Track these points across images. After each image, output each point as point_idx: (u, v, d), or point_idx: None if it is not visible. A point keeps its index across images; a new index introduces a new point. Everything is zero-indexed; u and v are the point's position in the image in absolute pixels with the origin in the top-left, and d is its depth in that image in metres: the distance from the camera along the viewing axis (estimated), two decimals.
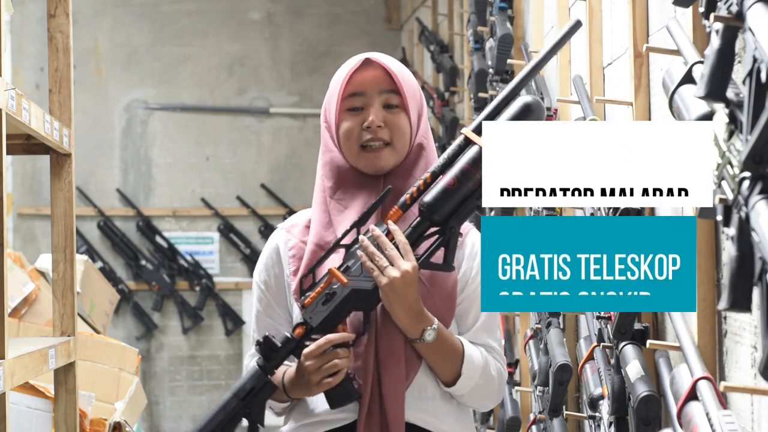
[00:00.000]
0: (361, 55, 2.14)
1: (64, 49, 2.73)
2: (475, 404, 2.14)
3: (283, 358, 2.07)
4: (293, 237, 2.16)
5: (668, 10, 2.27)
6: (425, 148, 2.15)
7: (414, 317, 2.02)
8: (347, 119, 2.12)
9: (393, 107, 2.12)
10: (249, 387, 2.06)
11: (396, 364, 2.05)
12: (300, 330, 2.05)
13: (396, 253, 2.00)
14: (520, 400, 3.80)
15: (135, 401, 3.57)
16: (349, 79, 2.12)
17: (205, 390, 7.85)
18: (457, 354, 2.07)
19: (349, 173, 2.13)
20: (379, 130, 2.09)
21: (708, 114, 1.70)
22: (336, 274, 2.04)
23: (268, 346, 2.05)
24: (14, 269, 3.59)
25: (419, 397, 2.08)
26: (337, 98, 2.12)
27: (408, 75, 2.15)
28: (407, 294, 2.00)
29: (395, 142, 2.11)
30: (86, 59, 7.72)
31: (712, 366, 1.97)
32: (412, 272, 1.99)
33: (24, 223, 7.60)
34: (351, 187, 2.12)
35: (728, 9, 1.57)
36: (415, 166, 2.12)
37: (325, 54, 7.94)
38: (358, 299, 2.03)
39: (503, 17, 3.93)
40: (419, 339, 2.03)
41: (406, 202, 2.04)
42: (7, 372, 2.07)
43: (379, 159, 2.10)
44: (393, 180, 2.12)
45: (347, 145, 2.12)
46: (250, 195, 7.90)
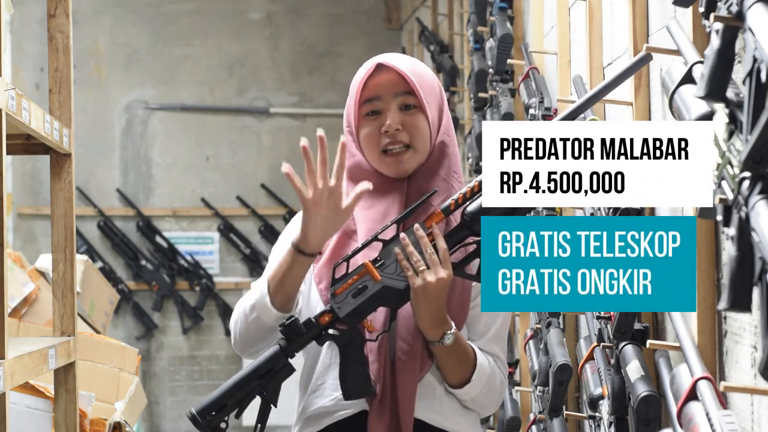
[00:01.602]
0: (374, 60, 2.15)
1: (64, 49, 2.73)
2: (475, 409, 2.16)
3: (305, 343, 2.06)
4: None
5: (668, 10, 2.27)
6: (448, 146, 2.15)
7: (437, 320, 2.03)
8: (366, 125, 2.13)
9: (410, 108, 2.12)
10: (269, 367, 2.05)
11: (413, 363, 2.07)
12: (326, 318, 2.05)
13: (436, 258, 2.00)
14: (520, 400, 3.80)
15: (135, 401, 3.57)
16: (364, 85, 2.13)
17: (205, 390, 7.84)
18: (470, 360, 2.09)
19: (374, 177, 2.13)
20: (398, 133, 2.10)
21: (708, 114, 1.70)
22: (371, 269, 2.04)
23: (293, 329, 2.04)
24: (14, 269, 3.59)
25: (427, 395, 2.10)
26: (354, 105, 2.14)
27: (424, 73, 2.15)
28: (438, 300, 2.01)
29: (415, 144, 2.12)
30: (86, 59, 7.72)
31: (712, 366, 1.97)
32: (447, 279, 2.00)
33: (24, 223, 7.60)
34: (374, 189, 2.11)
35: (728, 9, 1.57)
36: (439, 165, 2.13)
37: (325, 54, 7.94)
38: (388, 297, 2.03)
39: (503, 17, 3.93)
40: (438, 342, 2.05)
41: (449, 208, 2.03)
42: (7, 372, 2.07)
43: (401, 163, 2.11)
44: (417, 181, 2.13)
45: (369, 150, 2.14)
46: (250, 195, 7.90)
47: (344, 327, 2.04)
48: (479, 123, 4.47)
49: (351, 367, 2.05)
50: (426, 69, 2.17)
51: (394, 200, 2.12)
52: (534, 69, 3.45)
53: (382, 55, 2.17)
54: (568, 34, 3.31)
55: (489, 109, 4.28)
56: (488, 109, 4.30)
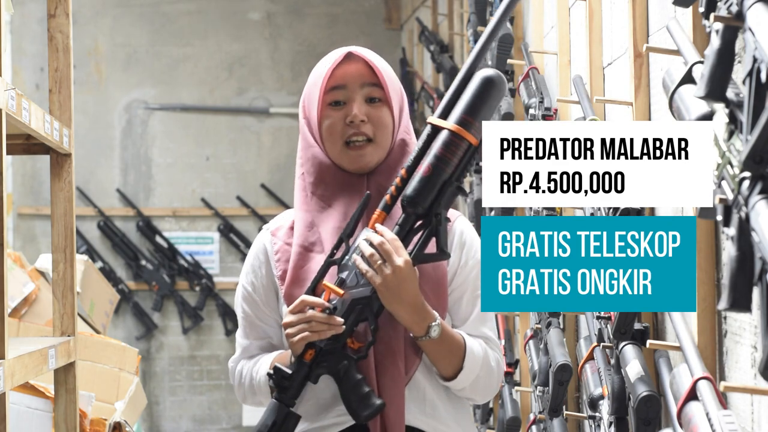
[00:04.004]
0: (344, 49, 2.13)
1: (64, 49, 2.73)
2: (473, 396, 2.11)
3: (299, 386, 2.02)
4: (278, 240, 2.13)
5: (668, 10, 2.27)
6: (408, 144, 2.12)
7: (416, 314, 1.99)
8: (329, 114, 2.09)
9: (375, 101, 2.09)
10: (271, 422, 2.01)
11: (393, 363, 2.02)
12: (310, 353, 2.01)
13: (388, 248, 1.97)
14: (520, 400, 3.80)
15: (135, 401, 3.57)
16: (331, 74, 2.10)
17: (205, 390, 7.84)
18: (460, 348, 2.04)
19: (331, 170, 2.10)
20: (362, 125, 2.07)
21: (708, 114, 1.70)
22: (331, 288, 2.00)
23: (279, 375, 2.01)
24: (14, 269, 3.59)
25: (418, 399, 2.06)
26: (319, 92, 2.10)
27: (389, 69, 2.13)
28: (404, 290, 1.97)
29: (378, 138, 2.08)
30: (86, 59, 7.72)
31: (712, 366, 1.97)
32: (404, 266, 1.96)
33: (24, 223, 7.60)
34: (333, 185, 2.09)
35: (728, 9, 1.58)
36: (398, 163, 2.09)
37: (325, 54, 7.90)
38: (360, 308, 2.00)
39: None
40: (425, 336, 2.00)
41: (387, 203, 2.01)
42: (7, 372, 2.07)
43: (362, 156, 2.08)
44: (377, 178, 2.09)
45: (330, 141, 2.09)
46: (250, 195, 7.90)
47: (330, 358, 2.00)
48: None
49: (351, 390, 2.00)
50: (389, 67, 2.15)
51: (353, 198, 2.08)
52: (534, 69, 3.45)
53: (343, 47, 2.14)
54: (568, 34, 3.31)
55: None
56: None
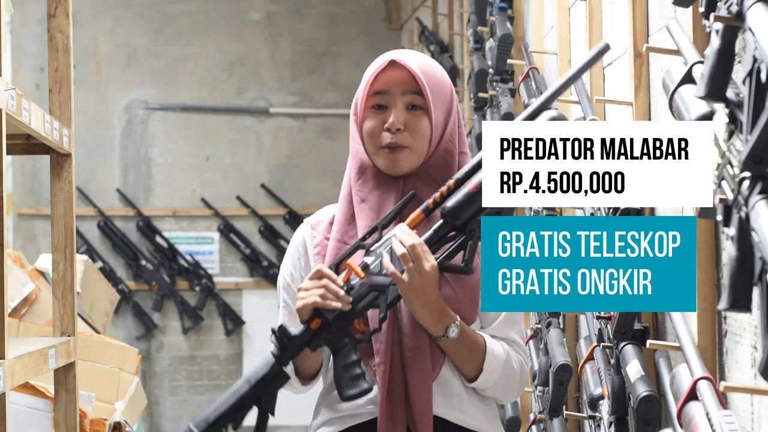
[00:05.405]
0: (387, 55, 2.15)
1: (64, 49, 2.73)
2: (498, 397, 2.16)
3: (298, 349, 2.06)
4: (318, 234, 2.19)
5: (668, 10, 2.27)
6: (452, 154, 2.15)
7: (436, 316, 2.03)
8: (371, 117, 2.14)
9: (416, 108, 2.12)
10: (261, 375, 2.05)
11: (421, 359, 2.07)
12: (316, 322, 2.05)
13: (419, 251, 2.00)
14: (520, 400, 3.80)
15: (135, 401, 3.57)
16: (375, 78, 2.13)
17: (205, 390, 7.85)
18: (480, 349, 2.09)
19: (370, 169, 2.15)
20: (399, 133, 2.11)
21: (708, 114, 1.70)
22: (353, 268, 2.04)
23: (282, 335, 2.05)
24: (14, 269, 3.59)
25: (445, 392, 2.10)
26: (363, 95, 2.14)
27: (436, 75, 2.14)
28: (427, 293, 2.01)
29: (414, 146, 2.12)
30: (86, 59, 7.72)
31: (712, 366, 1.97)
32: (430, 272, 2.00)
33: (24, 223, 7.60)
34: (370, 183, 2.14)
35: (728, 9, 1.58)
36: (437, 170, 2.13)
37: (324, 54, 7.94)
38: (375, 294, 2.04)
39: (503, 17, 3.94)
40: (443, 336, 2.05)
41: (428, 207, 2.04)
42: (7, 372, 2.07)
43: (397, 161, 2.12)
44: (413, 182, 2.13)
45: (369, 143, 2.14)
46: (250, 195, 7.91)
47: (335, 330, 2.04)
48: (479, 123, 4.48)
49: (344, 368, 2.05)
50: (439, 71, 2.16)
51: (387, 198, 2.13)
52: (534, 69, 3.45)
53: (397, 50, 2.17)
54: (568, 34, 3.31)
55: (489, 109, 4.28)
56: (488, 109, 4.30)
